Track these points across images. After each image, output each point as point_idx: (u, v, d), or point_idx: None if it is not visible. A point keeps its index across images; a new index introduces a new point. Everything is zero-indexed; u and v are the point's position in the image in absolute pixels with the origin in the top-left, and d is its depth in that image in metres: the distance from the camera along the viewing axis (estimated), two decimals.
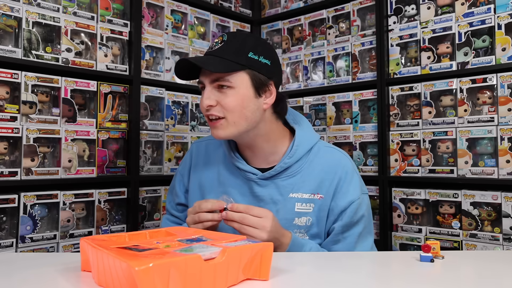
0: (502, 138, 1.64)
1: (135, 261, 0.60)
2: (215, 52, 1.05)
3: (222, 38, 1.07)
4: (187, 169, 1.24)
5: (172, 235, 0.87)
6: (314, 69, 2.24)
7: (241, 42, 1.07)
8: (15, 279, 0.77)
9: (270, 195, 1.10)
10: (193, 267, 0.64)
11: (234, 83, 1.03)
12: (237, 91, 1.04)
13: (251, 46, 1.06)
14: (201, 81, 1.07)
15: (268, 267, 0.75)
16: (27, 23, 1.56)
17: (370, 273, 0.82)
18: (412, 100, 1.90)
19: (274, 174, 1.09)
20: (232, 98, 1.03)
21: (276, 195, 1.10)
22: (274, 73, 1.09)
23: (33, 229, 1.54)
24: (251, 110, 1.05)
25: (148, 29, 1.93)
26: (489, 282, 0.79)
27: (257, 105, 1.07)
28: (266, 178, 1.10)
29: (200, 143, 1.27)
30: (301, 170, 1.10)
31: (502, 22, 1.68)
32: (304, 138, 1.13)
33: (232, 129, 1.05)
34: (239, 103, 1.04)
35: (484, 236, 1.66)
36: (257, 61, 1.05)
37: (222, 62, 1.03)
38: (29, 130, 1.54)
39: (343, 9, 2.14)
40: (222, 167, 1.17)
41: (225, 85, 1.03)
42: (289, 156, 1.09)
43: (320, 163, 1.11)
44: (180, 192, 1.25)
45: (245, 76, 1.04)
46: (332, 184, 1.08)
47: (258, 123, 1.08)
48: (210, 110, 1.05)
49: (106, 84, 1.78)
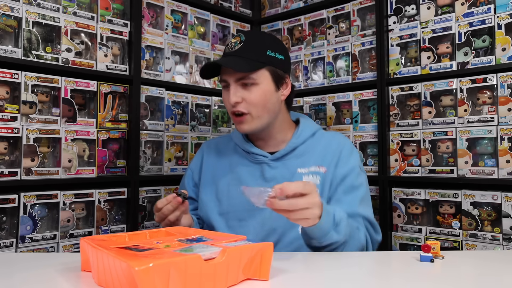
0: (502, 138, 1.64)
1: (135, 261, 0.60)
2: (236, 52, 1.13)
3: (240, 38, 1.15)
4: (199, 165, 1.32)
5: (172, 235, 0.87)
6: (314, 69, 2.24)
7: (259, 41, 1.16)
8: (15, 279, 0.77)
9: (281, 173, 1.18)
10: (193, 267, 0.64)
11: (258, 80, 1.12)
12: (261, 87, 1.13)
13: (268, 44, 1.16)
14: (225, 79, 1.15)
15: (268, 267, 0.75)
16: (27, 23, 1.56)
17: (370, 273, 0.82)
18: (412, 100, 1.90)
19: (284, 153, 1.19)
20: (256, 94, 1.12)
21: (286, 174, 1.17)
22: (288, 66, 1.21)
23: (33, 229, 1.54)
24: (272, 103, 1.16)
25: (148, 29, 1.93)
26: (489, 282, 0.79)
27: (276, 97, 1.17)
28: (277, 158, 1.19)
29: (210, 141, 1.37)
30: (307, 150, 1.20)
31: (502, 22, 1.68)
32: (307, 124, 1.26)
33: (257, 122, 1.15)
34: (263, 98, 1.13)
35: (484, 236, 1.66)
36: (274, 58, 1.15)
37: (246, 62, 1.11)
38: (29, 130, 1.54)
39: (343, 9, 2.14)
40: (233, 156, 1.26)
41: (249, 83, 1.12)
42: (296, 137, 1.21)
43: (323, 142, 1.21)
44: (188, 187, 1.31)
45: (266, 72, 1.14)
46: (334, 157, 1.18)
47: (277, 114, 1.19)
48: (237, 107, 1.14)
49: (106, 84, 1.78)
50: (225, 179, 1.24)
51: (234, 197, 1.20)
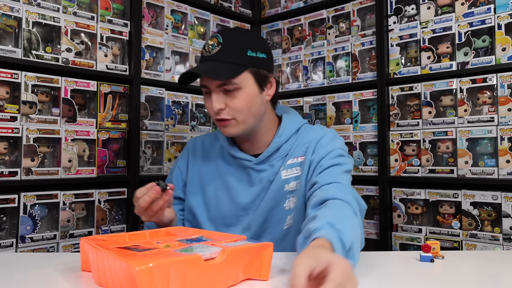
0: (502, 138, 1.64)
1: (135, 261, 0.60)
2: (214, 57, 1.06)
3: (217, 40, 1.07)
4: (185, 164, 1.26)
5: (172, 235, 0.87)
6: (314, 69, 2.24)
7: (238, 41, 1.08)
8: (15, 279, 0.77)
9: (267, 177, 1.13)
10: (193, 267, 0.64)
11: (240, 84, 1.05)
12: (244, 91, 1.06)
13: (248, 44, 1.08)
14: (205, 85, 1.08)
15: (268, 267, 0.75)
16: (27, 23, 1.56)
17: (370, 273, 0.82)
18: (412, 100, 1.90)
19: (268, 155, 1.13)
20: (240, 99, 1.06)
21: (271, 176, 1.12)
22: (271, 64, 1.14)
23: (33, 229, 1.54)
24: (258, 106, 1.09)
25: (148, 29, 1.93)
26: (489, 281, 0.79)
27: (261, 99, 1.11)
28: (261, 161, 1.13)
29: (196, 139, 1.30)
30: (292, 148, 1.14)
31: (502, 22, 1.68)
32: (290, 120, 1.18)
33: (242, 126, 1.09)
34: (247, 103, 1.07)
35: (484, 236, 1.66)
36: (256, 58, 1.08)
37: (227, 67, 1.04)
38: (29, 130, 1.54)
39: (343, 9, 2.14)
40: (220, 159, 1.20)
41: (231, 88, 1.05)
42: (278, 136, 1.14)
43: (307, 136, 1.14)
44: (177, 187, 1.25)
45: (248, 75, 1.07)
46: (312, 145, 1.11)
47: (262, 116, 1.12)
48: (220, 114, 1.07)
49: (106, 84, 1.78)
50: (212, 185, 1.19)
51: (222, 203, 1.16)
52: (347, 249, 0.77)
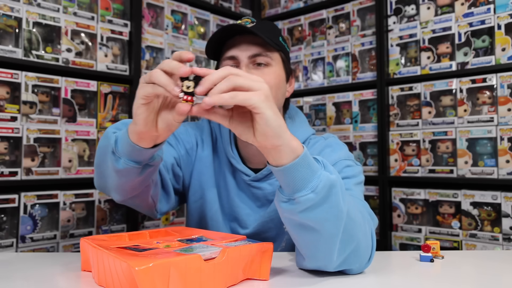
0: (501, 138, 1.65)
1: (135, 261, 0.60)
2: (250, 29, 0.94)
3: (250, 19, 0.99)
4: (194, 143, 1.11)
5: (172, 235, 0.87)
6: (314, 69, 2.24)
7: (271, 26, 1.02)
8: (15, 279, 0.78)
9: (266, 196, 1.04)
10: (193, 267, 0.64)
11: (272, 62, 0.98)
12: (274, 70, 0.99)
13: (279, 32, 1.03)
14: (234, 56, 0.98)
15: (268, 267, 0.75)
16: (27, 23, 1.56)
17: (370, 273, 0.82)
18: (412, 100, 1.91)
19: (266, 174, 1.02)
20: (272, 76, 0.97)
21: (271, 196, 1.03)
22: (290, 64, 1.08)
23: (33, 229, 1.54)
24: (282, 92, 1.02)
25: (148, 29, 1.93)
26: (489, 281, 0.79)
27: (284, 90, 1.03)
28: (259, 179, 1.03)
29: (206, 130, 1.14)
30: None
31: (502, 22, 1.68)
32: (296, 133, 0.96)
33: None
34: (277, 82, 0.98)
35: (484, 236, 1.66)
36: (285, 47, 1.04)
37: (265, 38, 0.95)
38: (29, 130, 1.54)
39: (343, 9, 2.14)
40: (225, 168, 1.09)
41: (263, 63, 0.97)
42: None
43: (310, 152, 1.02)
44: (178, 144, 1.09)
45: (279, 58, 1.01)
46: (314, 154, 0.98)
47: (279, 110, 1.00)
48: None
49: (106, 84, 1.78)
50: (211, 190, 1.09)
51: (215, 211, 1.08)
52: (320, 162, 0.73)
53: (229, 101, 0.65)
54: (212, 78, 0.66)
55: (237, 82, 0.66)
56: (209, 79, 0.66)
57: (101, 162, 0.93)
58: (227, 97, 0.65)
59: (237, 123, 0.70)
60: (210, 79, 0.66)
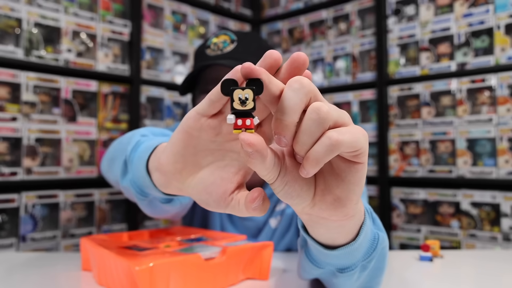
0: (501, 138, 1.65)
1: (135, 261, 0.60)
2: (229, 55, 0.87)
3: (229, 37, 0.91)
4: None
5: (172, 235, 0.88)
6: (313, 70, 2.24)
7: (257, 41, 0.94)
8: (15, 279, 0.78)
9: (253, 226, 1.00)
10: (193, 267, 0.64)
11: None
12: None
13: (265, 44, 0.96)
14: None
15: (268, 267, 0.76)
16: (27, 24, 1.56)
17: None
18: (411, 100, 1.91)
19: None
20: None
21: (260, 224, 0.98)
22: None
23: (34, 229, 1.55)
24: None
25: (149, 30, 1.93)
26: (489, 281, 0.79)
27: None
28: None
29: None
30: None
31: (501, 22, 1.68)
32: None
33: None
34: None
35: (483, 236, 1.67)
36: None
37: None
38: (30, 130, 1.54)
39: (343, 10, 2.14)
40: None
41: None
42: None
43: None
44: None
45: None
46: None
47: None
48: None
49: (107, 84, 1.78)
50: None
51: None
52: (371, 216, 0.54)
53: (328, 156, 0.39)
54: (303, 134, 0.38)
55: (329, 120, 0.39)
56: (299, 135, 0.39)
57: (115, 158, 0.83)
58: (324, 151, 0.38)
59: (292, 180, 0.41)
60: (300, 135, 0.38)
